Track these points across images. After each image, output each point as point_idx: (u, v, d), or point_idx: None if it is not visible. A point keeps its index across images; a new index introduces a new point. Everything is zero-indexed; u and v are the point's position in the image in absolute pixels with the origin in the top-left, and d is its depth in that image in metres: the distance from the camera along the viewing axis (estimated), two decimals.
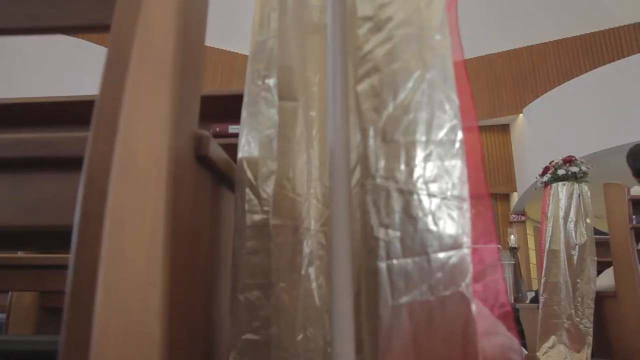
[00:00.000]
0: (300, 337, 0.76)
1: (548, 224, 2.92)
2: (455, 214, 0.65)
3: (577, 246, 2.79)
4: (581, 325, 2.72)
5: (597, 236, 3.00)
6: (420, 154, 0.62)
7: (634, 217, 2.60)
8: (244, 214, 0.74)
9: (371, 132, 0.61)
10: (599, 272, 2.98)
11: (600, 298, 2.80)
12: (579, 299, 2.76)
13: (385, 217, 0.59)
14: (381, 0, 0.63)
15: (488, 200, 0.74)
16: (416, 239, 0.60)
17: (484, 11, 9.12)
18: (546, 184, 3.01)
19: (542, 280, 2.88)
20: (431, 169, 0.63)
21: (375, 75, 0.62)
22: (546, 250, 2.88)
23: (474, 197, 0.71)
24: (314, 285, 0.79)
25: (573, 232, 2.82)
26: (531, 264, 8.41)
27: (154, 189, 0.55)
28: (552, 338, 2.80)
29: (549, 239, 2.89)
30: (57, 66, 6.92)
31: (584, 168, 2.90)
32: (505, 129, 9.13)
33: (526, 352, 3.38)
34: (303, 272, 0.78)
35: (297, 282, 0.78)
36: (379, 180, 0.60)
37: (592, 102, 7.43)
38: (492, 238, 0.73)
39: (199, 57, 0.70)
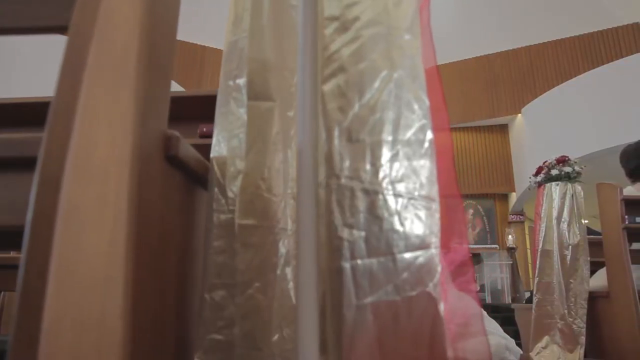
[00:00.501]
0: (276, 337, 0.76)
1: (541, 224, 2.91)
2: (422, 214, 0.65)
3: (570, 246, 2.79)
4: (574, 326, 2.72)
5: (591, 236, 2.99)
6: (386, 154, 0.62)
7: (626, 217, 2.60)
8: (212, 213, 0.74)
9: (336, 132, 0.61)
10: (593, 272, 2.98)
11: (594, 298, 2.79)
12: (572, 299, 2.76)
13: (350, 217, 0.59)
14: (348, 0, 0.64)
15: (459, 200, 0.74)
16: (381, 239, 0.60)
17: (483, 11, 9.11)
18: (539, 184, 3.01)
19: (536, 281, 2.88)
20: (398, 168, 0.63)
21: (341, 75, 0.62)
22: (539, 250, 2.88)
23: (444, 198, 0.71)
24: (290, 285, 0.79)
25: (566, 232, 2.81)
26: (529, 264, 8.40)
27: (115, 188, 0.55)
28: (546, 338, 2.79)
29: (542, 239, 2.88)
30: (57, 66, 6.91)
31: (577, 168, 2.90)
32: (504, 129, 9.13)
33: (522, 352, 3.37)
34: (279, 272, 0.78)
35: (272, 282, 0.78)
36: (343, 180, 0.60)
37: (591, 102, 7.42)
38: (463, 239, 0.73)
39: (168, 56, 0.70)
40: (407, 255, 0.62)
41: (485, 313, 4.64)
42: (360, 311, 0.59)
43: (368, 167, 0.61)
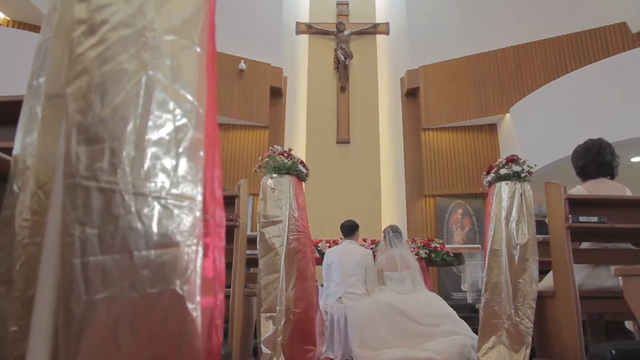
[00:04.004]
0: None
1: (490, 224, 2.90)
2: (172, 213, 0.66)
3: (518, 246, 2.77)
4: (521, 326, 2.70)
5: (544, 236, 2.97)
6: (129, 154, 0.63)
7: (570, 216, 2.58)
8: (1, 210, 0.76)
9: (74, 133, 0.62)
10: (547, 271, 2.96)
11: (542, 298, 2.78)
12: (520, 299, 2.74)
13: (83, 215, 0.60)
14: (98, 2, 0.65)
15: (220, 201, 0.75)
16: (117, 237, 0.61)
17: (470, 11, 9.08)
18: (490, 184, 3.00)
19: (484, 280, 2.87)
20: (142, 168, 0.64)
21: (85, 77, 0.63)
22: (488, 250, 2.87)
23: (206, 198, 0.71)
24: None
25: (515, 232, 2.80)
26: None
27: None
28: (493, 338, 2.78)
29: (491, 239, 2.87)
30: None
31: (526, 167, 2.88)
32: (492, 128, 9.09)
33: None
34: None
35: None
36: (78, 179, 0.61)
37: (579, 100, 7.38)
38: (220, 238, 0.74)
39: None
40: (148, 253, 0.63)
41: (455, 314, 4.61)
42: (90, 307, 0.60)
43: (106, 166, 0.62)
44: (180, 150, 0.67)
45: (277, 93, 9.37)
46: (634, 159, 7.30)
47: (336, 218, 5.03)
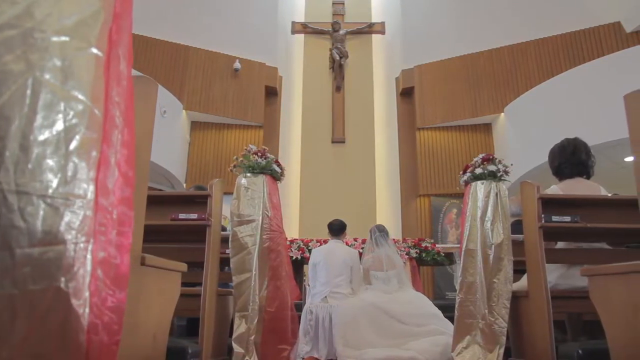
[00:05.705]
0: None
1: (466, 223, 2.90)
2: (58, 210, 0.67)
3: (493, 245, 2.77)
4: (495, 325, 2.70)
5: (519, 235, 2.97)
6: (12, 153, 0.64)
7: (543, 216, 2.58)
8: None
9: None
10: (523, 271, 2.96)
11: (516, 298, 2.78)
12: (495, 299, 2.74)
13: None
14: None
15: (126, 200, 0.76)
16: None
17: (465, 10, 9.07)
18: (467, 183, 3.00)
19: (459, 280, 2.87)
20: (26, 167, 0.64)
21: None
22: (463, 249, 2.87)
23: (101, 197, 0.72)
24: None
25: (490, 232, 2.80)
26: None
27: None
28: (467, 338, 2.78)
29: (466, 238, 2.87)
30: None
31: (501, 167, 2.88)
32: (487, 128, 9.07)
33: None
34: None
35: None
36: None
37: (573, 100, 7.35)
38: (125, 237, 0.74)
39: None
40: (31, 251, 0.64)
41: (440, 313, 4.59)
42: None
43: None
44: (70, 149, 0.68)
45: (272, 92, 9.38)
46: (628, 159, 7.27)
47: (331, 218, 5.03)
